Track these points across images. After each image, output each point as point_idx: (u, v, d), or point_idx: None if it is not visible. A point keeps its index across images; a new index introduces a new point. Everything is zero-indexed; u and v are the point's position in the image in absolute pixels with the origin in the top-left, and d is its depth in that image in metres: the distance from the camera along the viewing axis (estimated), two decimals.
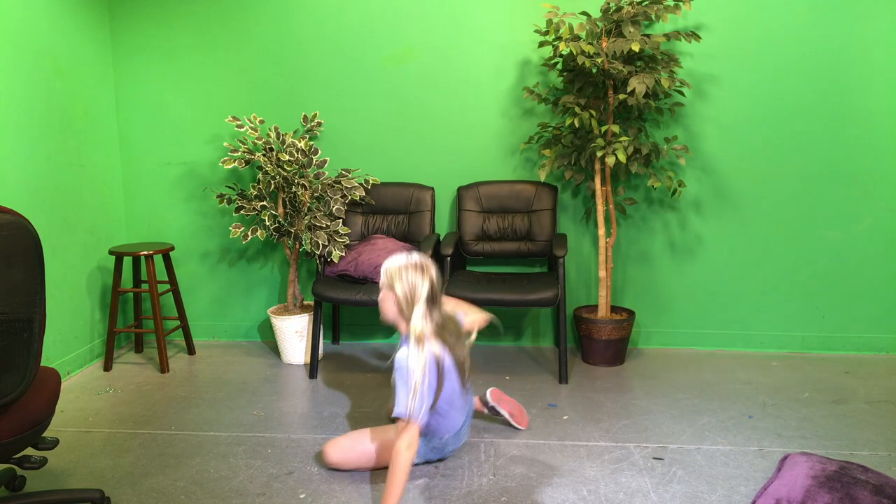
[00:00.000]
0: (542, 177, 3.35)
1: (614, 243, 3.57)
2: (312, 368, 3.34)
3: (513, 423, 2.72)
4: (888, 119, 3.43)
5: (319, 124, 3.64)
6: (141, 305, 3.82)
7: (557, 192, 3.57)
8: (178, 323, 3.92)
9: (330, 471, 2.42)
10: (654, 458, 2.49)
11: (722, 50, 3.46)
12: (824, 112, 3.46)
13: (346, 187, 3.47)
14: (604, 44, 3.15)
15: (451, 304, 2.55)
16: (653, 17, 3.12)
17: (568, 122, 3.26)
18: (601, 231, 3.42)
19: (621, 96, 3.13)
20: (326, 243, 3.39)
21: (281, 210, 3.46)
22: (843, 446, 2.57)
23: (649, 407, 2.94)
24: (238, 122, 3.49)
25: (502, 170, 3.68)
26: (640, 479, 2.34)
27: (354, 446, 2.39)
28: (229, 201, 3.52)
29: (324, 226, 3.42)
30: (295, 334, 3.49)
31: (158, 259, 3.97)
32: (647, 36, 3.13)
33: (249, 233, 3.43)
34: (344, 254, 3.41)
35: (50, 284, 3.25)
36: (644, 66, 3.23)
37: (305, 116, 3.60)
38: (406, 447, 2.08)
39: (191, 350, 3.72)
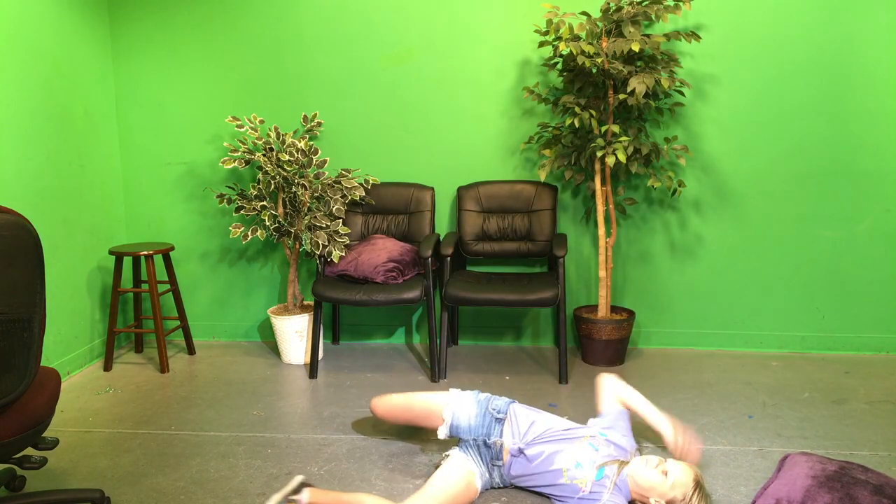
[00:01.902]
0: (542, 177, 3.35)
1: (614, 243, 3.57)
2: (312, 368, 3.34)
3: None
4: (888, 119, 3.43)
5: (319, 124, 3.64)
6: (141, 305, 3.82)
7: (557, 192, 3.57)
8: (178, 323, 3.92)
9: (332, 469, 2.42)
10: None
11: (722, 50, 3.46)
12: (824, 112, 3.46)
13: (346, 187, 3.47)
14: (604, 44, 3.15)
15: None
16: (653, 17, 3.12)
17: (568, 122, 3.26)
18: (601, 231, 3.42)
19: (621, 96, 3.13)
20: (326, 243, 3.39)
21: (281, 210, 3.46)
22: (843, 446, 2.57)
23: None
24: (238, 122, 3.49)
25: (502, 170, 3.68)
26: None
27: (401, 402, 2.50)
28: (229, 201, 3.52)
29: (324, 226, 3.42)
30: (295, 334, 3.49)
31: (158, 259, 3.97)
32: (647, 36, 3.13)
33: (249, 233, 3.43)
34: (344, 254, 3.41)
35: (50, 284, 3.25)
36: (644, 66, 3.23)
37: (305, 116, 3.60)
38: None
39: (191, 350, 3.72)
